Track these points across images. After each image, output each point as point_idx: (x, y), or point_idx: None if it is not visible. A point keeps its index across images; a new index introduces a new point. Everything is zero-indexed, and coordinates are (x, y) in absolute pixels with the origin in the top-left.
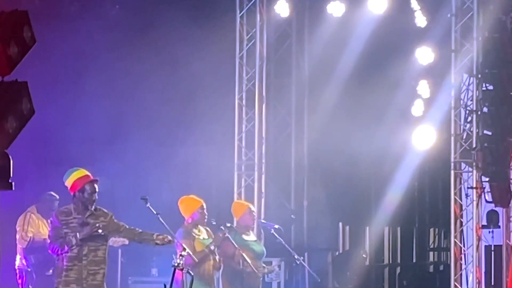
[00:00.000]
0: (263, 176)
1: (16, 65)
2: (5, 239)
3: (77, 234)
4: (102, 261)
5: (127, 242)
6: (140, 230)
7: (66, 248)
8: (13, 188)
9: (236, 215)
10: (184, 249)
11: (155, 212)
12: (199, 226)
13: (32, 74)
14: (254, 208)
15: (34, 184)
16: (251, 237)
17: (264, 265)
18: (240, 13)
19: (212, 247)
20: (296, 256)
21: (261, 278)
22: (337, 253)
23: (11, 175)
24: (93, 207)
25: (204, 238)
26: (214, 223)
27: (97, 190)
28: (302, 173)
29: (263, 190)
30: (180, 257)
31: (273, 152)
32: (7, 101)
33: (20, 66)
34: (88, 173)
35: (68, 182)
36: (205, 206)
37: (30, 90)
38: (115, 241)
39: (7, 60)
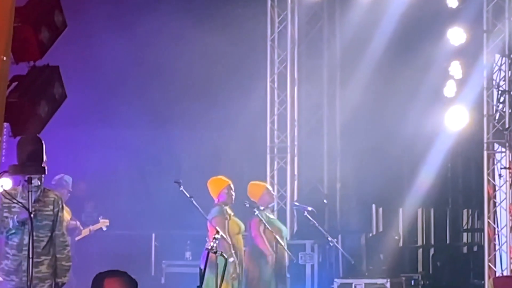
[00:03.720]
0: (295, 159)
1: (48, 50)
2: None
3: (14, 217)
4: (45, 253)
5: (107, 223)
6: (60, 251)
7: (3, 232)
8: (46, 173)
9: (255, 197)
10: (218, 232)
11: (188, 196)
12: (227, 207)
13: (63, 59)
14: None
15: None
16: (274, 215)
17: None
18: None
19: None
20: (329, 238)
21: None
22: (370, 235)
23: (44, 160)
24: (36, 193)
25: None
26: (247, 205)
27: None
28: (334, 155)
29: (295, 173)
30: (214, 240)
31: (306, 135)
32: (39, 85)
33: (51, 50)
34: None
35: None
36: (232, 186)
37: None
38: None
39: (38, 45)
